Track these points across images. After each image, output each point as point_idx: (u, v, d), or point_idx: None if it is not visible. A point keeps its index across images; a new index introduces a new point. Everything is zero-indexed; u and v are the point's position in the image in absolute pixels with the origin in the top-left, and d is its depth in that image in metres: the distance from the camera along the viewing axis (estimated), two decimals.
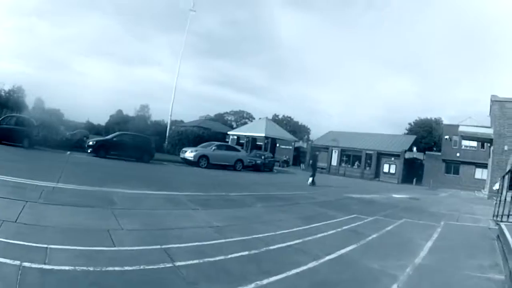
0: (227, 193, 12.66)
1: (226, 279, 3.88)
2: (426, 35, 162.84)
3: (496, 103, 44.06)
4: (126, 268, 4.20)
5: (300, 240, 6.05)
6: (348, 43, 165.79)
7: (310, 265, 4.68)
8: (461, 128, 58.82)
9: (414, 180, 56.64)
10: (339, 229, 7.43)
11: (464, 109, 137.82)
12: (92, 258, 4.36)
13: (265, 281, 3.90)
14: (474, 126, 58.95)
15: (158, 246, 5.09)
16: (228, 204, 10.29)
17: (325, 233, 6.95)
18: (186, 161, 29.09)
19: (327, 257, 5.16)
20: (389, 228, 7.92)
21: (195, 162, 28.63)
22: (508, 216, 8.84)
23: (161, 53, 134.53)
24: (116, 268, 4.01)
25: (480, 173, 47.89)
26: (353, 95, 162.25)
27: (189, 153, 29.26)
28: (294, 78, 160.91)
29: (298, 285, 4.17)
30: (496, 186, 27.35)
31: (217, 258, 4.79)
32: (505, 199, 9.23)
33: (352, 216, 9.76)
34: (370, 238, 6.86)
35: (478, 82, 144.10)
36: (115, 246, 4.89)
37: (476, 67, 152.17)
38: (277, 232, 6.60)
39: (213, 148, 30.87)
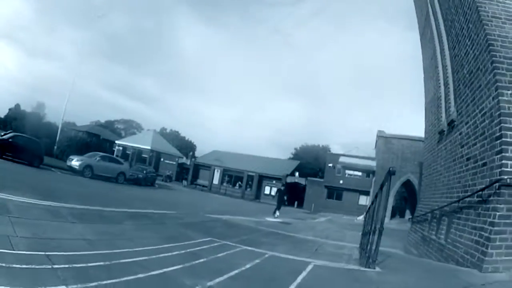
0: (104, 208, 13.21)
1: (84, 279, 5.08)
2: (326, 65, 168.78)
3: (382, 138, 47.55)
4: (23, 266, 5.18)
5: (147, 257, 7.05)
6: (248, 63, 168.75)
7: (135, 276, 5.77)
8: (341, 159, 62.85)
9: (296, 203, 59.37)
10: (182, 251, 8.36)
11: (356, 137, 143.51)
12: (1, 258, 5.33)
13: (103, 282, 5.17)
14: (357, 157, 63.21)
15: (43, 253, 5.92)
16: (102, 219, 10.94)
17: (171, 253, 7.89)
18: (72, 170, 29.72)
19: (152, 273, 6.16)
20: (221, 254, 8.70)
21: (80, 171, 29.50)
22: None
23: (64, 49, 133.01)
24: (17, 266, 5.13)
25: (364, 200, 50.72)
26: (245, 114, 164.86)
27: (75, 162, 30.06)
28: (188, 92, 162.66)
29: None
30: (360, 218, 30.00)
31: (84, 265, 5.75)
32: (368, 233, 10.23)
33: (208, 239, 10.54)
34: (200, 261, 7.70)
35: (372, 113, 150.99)
36: (14, 250, 5.83)
37: (370, 100, 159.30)
38: (135, 249, 7.57)
39: (97, 159, 32.12)
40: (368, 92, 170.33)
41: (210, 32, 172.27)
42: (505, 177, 7.74)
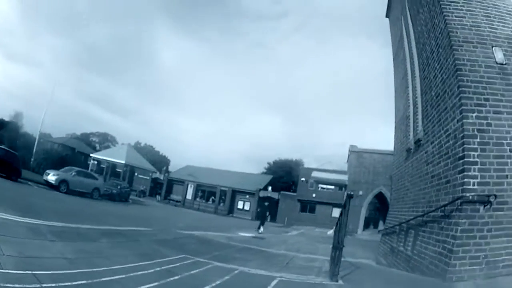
0: (80, 226, 13.26)
1: None
2: (302, 80, 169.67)
3: (354, 153, 48.54)
4: (16, 285, 5.39)
5: (124, 275, 7.35)
6: (226, 76, 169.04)
7: None
8: (313, 174, 63.35)
9: (269, 217, 59.32)
10: (157, 268, 8.64)
11: (331, 151, 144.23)
12: None
13: None
14: (330, 171, 63.84)
15: (29, 272, 6.14)
16: (80, 237, 11.10)
17: (146, 271, 8.21)
18: (48, 184, 28.92)
19: None
20: (194, 271, 9.10)
21: (56, 186, 28.80)
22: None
23: (43, 56, 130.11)
24: (9, 285, 5.34)
25: (338, 212, 51.15)
26: (220, 128, 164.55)
27: (51, 176, 29.24)
28: (164, 105, 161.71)
29: None
30: (331, 232, 30.40)
31: (69, 283, 5.99)
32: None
33: (181, 256, 10.82)
34: (175, 278, 8.10)
35: (347, 127, 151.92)
36: (2, 269, 6.01)
37: (346, 114, 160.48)
38: (111, 267, 7.82)
39: (73, 173, 31.45)
40: (343, 106, 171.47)
41: (190, 44, 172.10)
42: (467, 194, 8.28)
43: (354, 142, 49.40)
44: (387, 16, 23.81)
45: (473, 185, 8.43)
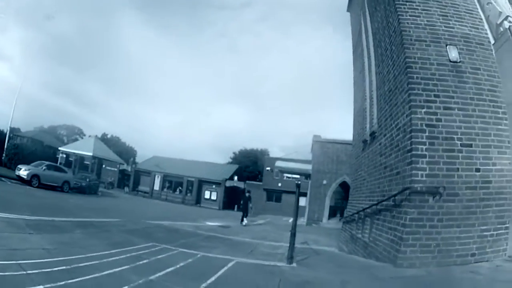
0: (54, 218, 13.71)
1: (54, 280, 5.88)
2: (268, 70, 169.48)
3: (317, 143, 48.78)
4: (3, 273, 5.93)
5: (98, 261, 7.87)
6: (191, 67, 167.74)
7: (92, 276, 6.69)
8: (277, 163, 64.09)
9: (236, 206, 59.86)
10: (128, 255, 9.15)
11: (298, 140, 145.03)
12: None
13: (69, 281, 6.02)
14: (294, 160, 64.65)
15: (14, 262, 6.67)
16: (54, 229, 11.43)
17: (118, 257, 8.74)
18: (20, 179, 29.54)
19: (104, 273, 7.10)
20: (161, 256, 9.69)
21: (28, 181, 29.36)
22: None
23: (12, 49, 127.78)
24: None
25: (304, 201, 51.42)
26: (186, 119, 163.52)
27: (23, 171, 29.88)
28: (130, 96, 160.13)
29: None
30: (291, 220, 31.07)
31: (50, 270, 6.49)
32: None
33: (149, 244, 11.30)
34: (144, 262, 8.71)
35: (314, 117, 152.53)
36: None
37: (312, 104, 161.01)
38: (87, 255, 8.30)
39: (44, 168, 32.06)
40: (309, 96, 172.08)
41: (155, 35, 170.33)
42: (415, 185, 8.85)
43: (320, 132, 50.44)
44: (348, 10, 24.17)
45: (421, 176, 8.96)
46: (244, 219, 29.41)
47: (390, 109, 11.91)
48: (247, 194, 31.71)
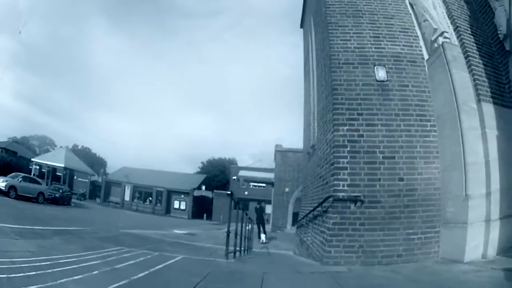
0: (34, 227, 14.77)
1: (36, 271, 6.88)
2: (236, 79, 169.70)
3: (279, 152, 50.02)
4: (3, 266, 6.93)
5: (76, 259, 8.86)
6: (159, 76, 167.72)
7: (62, 268, 7.61)
8: (240, 173, 65.63)
9: (205, 215, 61.13)
10: (100, 255, 10.06)
11: (265, 147, 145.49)
12: None
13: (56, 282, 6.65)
14: (258, 169, 66.18)
15: (8, 259, 7.61)
16: (36, 236, 12.48)
17: (91, 257, 9.58)
18: None
19: (80, 265, 8.20)
20: (127, 255, 10.63)
21: (6, 192, 30.23)
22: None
23: None
24: None
25: (269, 208, 51.68)
26: (155, 128, 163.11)
27: (1, 183, 30.39)
28: (99, 106, 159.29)
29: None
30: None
31: (35, 265, 7.41)
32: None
33: (119, 248, 12.17)
34: (112, 258, 9.73)
35: (281, 124, 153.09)
36: None
37: (278, 111, 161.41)
38: (66, 255, 9.21)
39: (20, 179, 32.43)
40: (276, 103, 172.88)
41: (122, 43, 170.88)
42: (338, 194, 10.03)
43: (286, 138, 51.53)
44: (301, 27, 25.26)
45: (343, 186, 10.04)
46: (262, 235, 25.59)
47: (323, 125, 12.98)
48: (259, 206, 28.76)
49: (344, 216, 9.93)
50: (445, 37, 11.22)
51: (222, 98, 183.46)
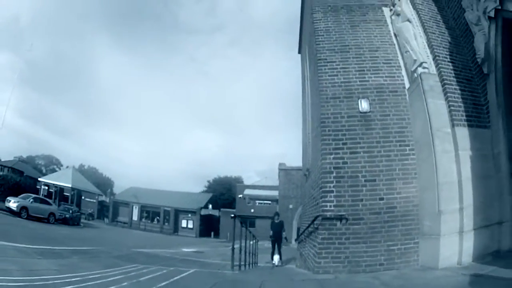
0: (52, 247, 15.63)
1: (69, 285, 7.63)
2: (242, 94, 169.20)
3: (282, 170, 51.08)
4: (36, 283, 7.79)
5: (99, 275, 9.66)
6: (163, 94, 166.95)
7: (90, 283, 8.50)
8: (246, 192, 66.20)
9: (212, 234, 62.53)
10: (119, 271, 10.82)
11: (271, 163, 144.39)
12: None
13: None
14: (263, 187, 67.57)
15: (38, 277, 8.38)
16: (55, 255, 13.21)
17: (109, 273, 10.42)
18: (10, 211, 31.59)
19: (105, 280, 9.10)
20: (145, 270, 11.36)
21: (18, 212, 31.39)
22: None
23: None
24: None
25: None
26: (161, 147, 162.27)
27: (12, 203, 31.91)
28: (105, 125, 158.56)
29: None
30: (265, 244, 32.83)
31: (64, 281, 8.19)
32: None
33: (135, 265, 12.95)
34: (131, 274, 10.49)
35: (287, 139, 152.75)
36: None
37: (284, 126, 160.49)
38: (88, 272, 9.96)
39: (31, 200, 33.60)
40: (282, 118, 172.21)
41: (126, 61, 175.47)
42: (326, 213, 11.43)
43: (292, 153, 52.39)
44: (299, 52, 25.99)
45: (330, 206, 11.41)
46: (275, 256, 20.40)
47: (315, 153, 14.21)
48: (277, 220, 22.32)
49: (331, 232, 11.18)
50: (424, 67, 11.87)
51: (227, 114, 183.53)
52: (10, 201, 32.46)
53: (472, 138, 10.66)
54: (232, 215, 14.30)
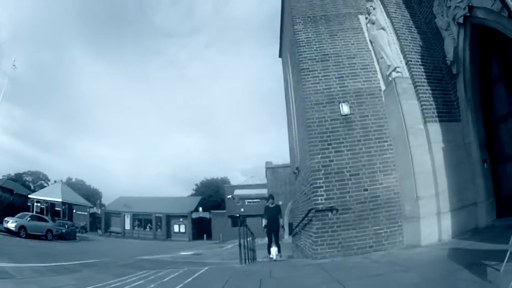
0: (61, 263, 16.22)
1: None
2: (222, 95, 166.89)
3: (269, 169, 51.96)
4: None
5: (119, 284, 10.09)
6: (142, 100, 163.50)
7: None
8: (235, 192, 67.13)
9: (205, 236, 63.13)
10: (134, 278, 10.96)
11: (256, 162, 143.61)
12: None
13: None
14: (251, 186, 68.64)
15: None
16: (67, 271, 13.85)
17: (124, 281, 10.70)
18: (9, 231, 31.74)
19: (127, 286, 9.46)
20: (159, 274, 11.59)
21: (16, 232, 31.59)
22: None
23: None
24: None
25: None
26: (145, 153, 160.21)
27: (10, 224, 32.11)
28: (88, 135, 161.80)
29: None
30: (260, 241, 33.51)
31: None
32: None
33: (144, 271, 13.41)
34: (150, 278, 10.78)
35: (270, 137, 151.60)
36: None
37: (267, 124, 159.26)
38: (105, 282, 10.40)
39: (28, 219, 34.33)
40: (264, 116, 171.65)
41: (103, 68, 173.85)
42: (318, 206, 12.54)
43: (277, 150, 53.00)
44: (280, 56, 26.65)
45: (321, 200, 12.56)
46: (273, 248, 17.82)
47: (304, 153, 15.25)
48: (272, 204, 18.53)
49: (324, 222, 12.39)
50: (398, 71, 12.94)
51: (209, 116, 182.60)
52: (8, 221, 32.72)
53: (444, 131, 11.76)
54: (238, 215, 15.21)
